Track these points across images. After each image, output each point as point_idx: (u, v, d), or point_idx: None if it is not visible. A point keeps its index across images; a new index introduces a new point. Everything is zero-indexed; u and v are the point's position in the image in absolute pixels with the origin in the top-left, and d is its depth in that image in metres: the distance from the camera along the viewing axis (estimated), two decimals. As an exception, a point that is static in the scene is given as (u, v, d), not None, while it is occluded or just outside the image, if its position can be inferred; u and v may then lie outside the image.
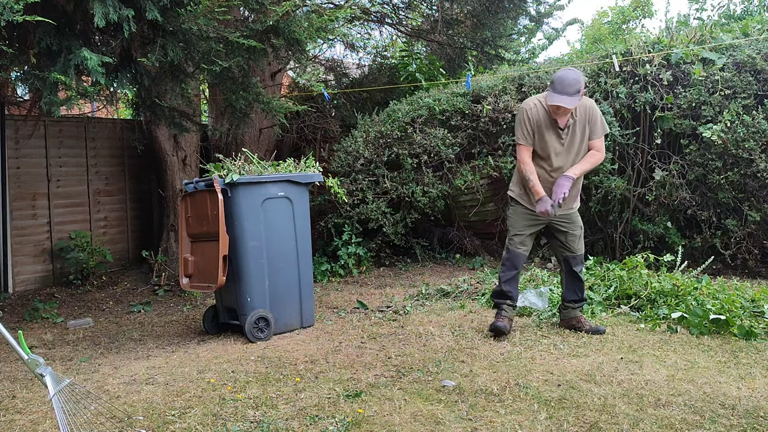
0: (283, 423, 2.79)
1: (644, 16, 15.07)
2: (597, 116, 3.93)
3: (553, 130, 3.89)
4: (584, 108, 3.90)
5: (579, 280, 4.12)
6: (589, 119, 3.91)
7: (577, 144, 3.91)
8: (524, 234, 4.05)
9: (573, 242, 4.07)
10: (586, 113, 3.91)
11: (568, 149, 3.91)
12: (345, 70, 9.18)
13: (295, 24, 4.74)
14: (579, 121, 3.89)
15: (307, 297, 4.58)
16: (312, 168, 4.78)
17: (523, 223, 4.05)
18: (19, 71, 4.52)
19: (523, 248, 4.06)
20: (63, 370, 3.83)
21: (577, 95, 3.72)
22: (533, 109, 3.93)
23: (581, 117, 3.90)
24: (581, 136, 3.90)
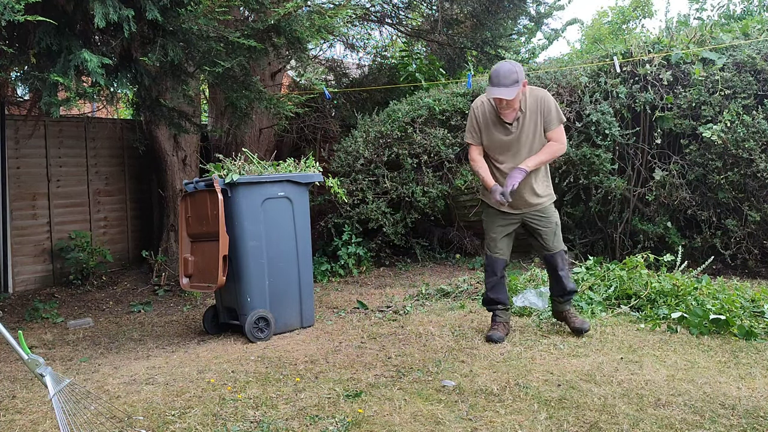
0: (283, 423, 2.79)
1: (644, 16, 15.08)
2: (551, 106, 3.77)
3: (500, 126, 3.79)
4: (535, 99, 3.76)
5: (561, 278, 3.98)
6: (542, 110, 3.75)
7: (529, 137, 3.77)
8: (498, 236, 3.96)
9: (549, 239, 3.93)
10: (538, 104, 3.76)
11: (519, 143, 3.78)
12: (345, 70, 9.18)
13: (296, 23, 4.74)
14: (530, 113, 3.75)
15: (307, 297, 4.58)
16: (312, 168, 4.78)
17: (495, 225, 3.97)
18: (19, 71, 4.52)
19: (499, 252, 3.96)
20: (63, 370, 3.83)
21: (515, 85, 3.59)
22: (480, 107, 3.86)
23: (532, 109, 3.76)
24: (534, 128, 3.76)
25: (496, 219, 3.96)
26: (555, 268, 3.96)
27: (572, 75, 6.28)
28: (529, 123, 3.75)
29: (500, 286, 4.02)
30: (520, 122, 3.75)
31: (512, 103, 3.67)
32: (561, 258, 3.97)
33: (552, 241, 3.94)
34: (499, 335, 3.92)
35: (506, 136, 3.77)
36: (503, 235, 3.96)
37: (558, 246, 3.95)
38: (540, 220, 3.92)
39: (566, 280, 4.00)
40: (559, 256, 3.96)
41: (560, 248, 3.96)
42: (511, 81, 3.58)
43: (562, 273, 3.97)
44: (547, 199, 3.94)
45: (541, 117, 3.75)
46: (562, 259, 3.97)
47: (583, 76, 6.18)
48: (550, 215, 3.94)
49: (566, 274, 4.01)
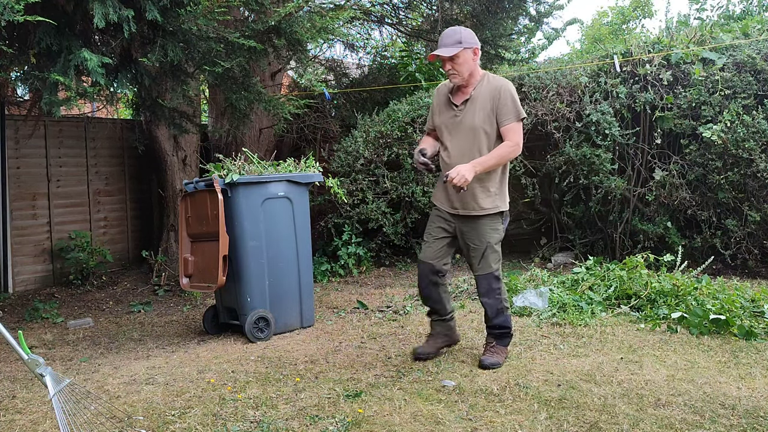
0: (283, 423, 2.79)
1: (644, 16, 15.08)
2: (507, 97, 3.33)
3: (449, 106, 3.46)
4: (493, 87, 3.37)
5: (483, 305, 3.52)
6: (496, 99, 3.33)
7: (475, 125, 3.34)
8: (430, 238, 3.55)
9: (474, 258, 3.44)
10: (492, 92, 3.35)
11: (462, 128, 3.38)
12: (345, 70, 9.18)
13: (297, 24, 4.74)
14: (481, 99, 3.36)
15: (307, 297, 4.58)
16: (312, 168, 4.78)
17: (433, 227, 3.57)
18: (19, 71, 4.52)
19: (427, 256, 3.52)
20: (63, 370, 3.83)
21: (456, 46, 3.29)
22: (439, 89, 3.58)
23: (485, 96, 3.36)
24: (483, 117, 3.34)
25: (434, 220, 3.58)
26: (478, 292, 3.54)
27: (572, 75, 6.29)
28: (478, 110, 3.35)
29: (433, 292, 3.57)
30: (468, 106, 3.38)
31: (457, 68, 3.32)
32: (487, 282, 3.45)
33: (477, 261, 3.44)
34: (423, 350, 3.58)
35: (451, 118, 3.43)
36: (435, 237, 3.54)
37: (484, 268, 3.43)
38: (470, 233, 3.44)
39: (489, 309, 3.49)
40: (484, 279, 3.46)
41: (486, 271, 3.43)
42: (453, 41, 3.31)
43: (483, 300, 3.49)
44: (490, 212, 3.41)
45: (494, 108, 3.33)
46: (488, 285, 3.45)
47: (583, 76, 6.19)
48: (484, 233, 3.41)
49: (491, 302, 3.47)
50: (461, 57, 3.31)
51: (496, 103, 3.32)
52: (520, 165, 6.44)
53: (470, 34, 3.37)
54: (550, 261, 6.52)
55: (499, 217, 3.45)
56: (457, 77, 3.36)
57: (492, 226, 3.43)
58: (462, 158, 3.33)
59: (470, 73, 3.37)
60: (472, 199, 3.38)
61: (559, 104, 6.19)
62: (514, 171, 6.42)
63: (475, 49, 3.36)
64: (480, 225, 3.42)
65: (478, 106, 3.36)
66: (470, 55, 3.34)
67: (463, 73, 3.35)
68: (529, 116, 6.24)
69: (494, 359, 3.44)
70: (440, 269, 3.54)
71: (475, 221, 3.42)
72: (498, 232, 3.45)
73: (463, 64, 3.33)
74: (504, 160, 3.35)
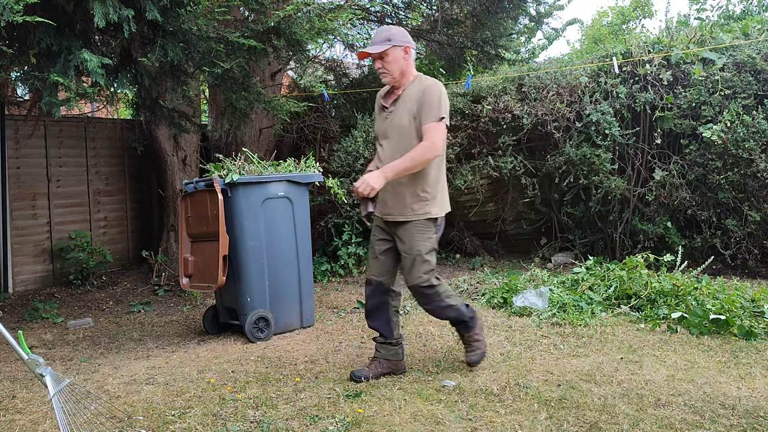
0: (283, 423, 2.79)
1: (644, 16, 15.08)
2: (433, 96, 3.14)
3: (381, 110, 3.33)
4: (421, 88, 3.19)
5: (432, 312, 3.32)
6: (421, 99, 3.15)
7: (403, 125, 3.17)
8: (374, 253, 3.33)
9: (405, 267, 3.22)
10: (418, 91, 3.18)
11: (392, 130, 3.21)
12: (345, 70, 9.18)
13: (296, 25, 4.74)
14: (408, 100, 3.19)
15: (307, 297, 4.58)
16: (312, 168, 4.78)
17: (374, 240, 3.35)
18: (19, 71, 4.52)
19: (374, 273, 3.31)
20: (63, 370, 3.83)
21: (385, 43, 3.16)
22: (378, 95, 3.43)
23: (412, 97, 3.18)
24: (409, 117, 3.17)
25: (375, 232, 3.36)
26: (419, 303, 3.35)
27: (572, 75, 6.28)
28: (404, 111, 3.19)
29: (379, 312, 3.35)
30: (396, 106, 3.23)
31: (387, 67, 3.19)
32: (419, 293, 3.24)
33: (408, 270, 3.20)
34: (360, 373, 3.30)
35: (383, 120, 3.29)
36: (379, 251, 3.31)
37: (411, 279, 3.19)
38: (401, 241, 3.22)
39: (435, 314, 3.35)
40: (415, 291, 3.24)
41: (414, 282, 3.19)
42: (382, 38, 3.20)
43: (425, 309, 3.34)
44: (419, 217, 3.18)
45: (419, 108, 3.15)
46: (421, 295, 3.24)
47: (583, 76, 6.18)
48: (413, 240, 3.17)
49: (432, 308, 3.30)
50: (390, 55, 3.18)
51: (424, 101, 3.15)
52: (520, 165, 6.45)
53: (402, 32, 3.25)
54: (550, 261, 6.52)
55: (431, 223, 3.21)
56: (387, 76, 3.23)
57: (421, 233, 3.18)
58: (390, 161, 3.15)
59: (401, 72, 3.23)
60: (402, 203, 3.19)
61: (559, 104, 6.19)
62: (514, 171, 6.42)
63: (406, 48, 3.22)
64: (409, 232, 3.18)
65: (403, 109, 3.20)
66: (400, 54, 3.20)
67: (394, 72, 3.22)
68: (529, 116, 6.24)
69: (476, 354, 3.37)
70: (390, 287, 3.31)
71: (404, 227, 3.20)
72: (429, 241, 3.19)
73: (393, 63, 3.20)
74: (418, 162, 3.10)
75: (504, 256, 7.05)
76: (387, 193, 3.19)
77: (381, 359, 3.36)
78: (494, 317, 4.57)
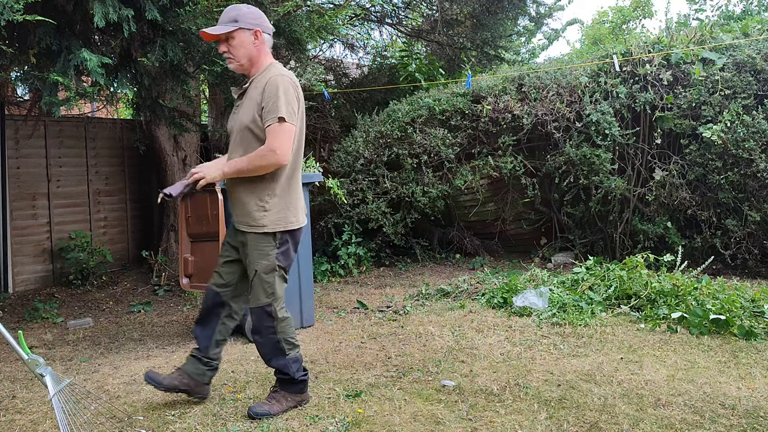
0: (283, 423, 2.79)
1: (644, 16, 15.08)
2: (274, 93, 2.72)
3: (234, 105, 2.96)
4: (265, 80, 2.78)
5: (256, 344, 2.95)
6: (263, 94, 2.75)
7: (243, 122, 2.81)
8: (222, 258, 3.01)
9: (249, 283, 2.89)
10: (261, 84, 2.78)
11: (235, 127, 2.86)
12: (345, 70, 9.18)
13: (295, 23, 4.74)
14: (252, 92, 2.82)
15: (307, 297, 4.58)
16: (312, 168, 4.78)
17: (225, 243, 3.04)
18: (19, 71, 4.52)
19: (215, 281, 2.99)
20: (63, 370, 3.82)
21: (230, 24, 2.78)
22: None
23: (255, 88, 2.81)
24: (250, 113, 2.78)
25: (228, 238, 3.04)
26: (252, 327, 2.94)
27: (572, 75, 6.28)
28: (246, 106, 2.82)
29: (206, 322, 2.99)
30: (242, 101, 2.88)
31: (232, 51, 2.82)
32: (256, 317, 2.88)
33: (249, 290, 2.89)
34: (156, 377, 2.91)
35: (231, 119, 2.93)
36: (224, 260, 2.99)
37: (252, 300, 2.87)
38: (244, 252, 2.88)
39: (261, 348, 2.92)
40: (253, 313, 2.89)
41: (255, 304, 2.86)
42: (228, 18, 2.80)
43: (254, 338, 2.94)
44: (256, 230, 2.80)
45: (259, 103, 2.76)
46: (257, 320, 2.87)
47: (583, 76, 6.18)
48: (252, 256, 2.82)
49: (262, 341, 2.89)
50: (237, 38, 2.78)
51: (265, 97, 2.74)
52: (520, 165, 6.45)
53: (254, 13, 2.84)
54: (550, 261, 6.52)
55: (271, 239, 2.81)
56: (232, 62, 2.84)
57: (260, 248, 2.81)
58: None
59: (249, 59, 2.83)
60: (243, 211, 2.83)
61: (559, 104, 6.19)
62: (514, 171, 6.42)
63: (257, 32, 2.81)
64: (249, 245, 2.83)
65: (245, 104, 2.83)
66: (249, 38, 2.80)
67: (240, 58, 2.82)
68: (529, 116, 6.24)
69: (264, 408, 2.86)
70: (228, 301, 2.98)
71: (246, 239, 2.84)
72: (267, 259, 2.80)
73: (239, 47, 2.80)
74: (254, 166, 2.72)
75: (504, 256, 7.05)
76: (233, 196, 2.86)
77: (184, 374, 2.95)
78: (494, 317, 4.57)
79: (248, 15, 2.81)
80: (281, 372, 2.93)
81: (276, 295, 2.86)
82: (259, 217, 2.79)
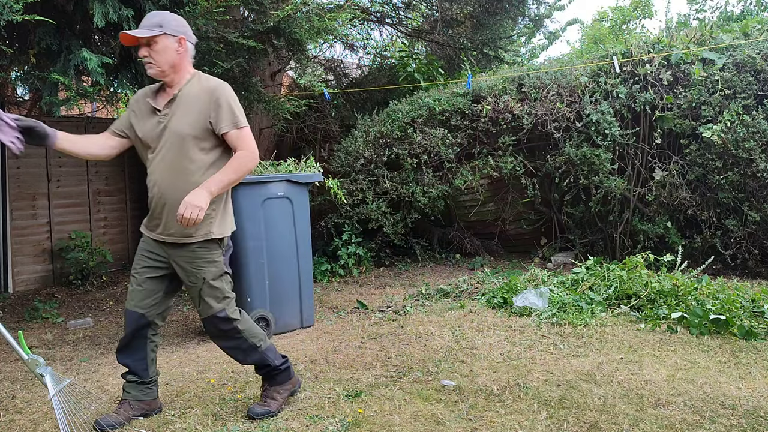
0: (283, 423, 2.79)
1: (644, 16, 15.09)
2: (222, 102, 2.72)
3: (151, 113, 2.79)
4: (205, 89, 2.76)
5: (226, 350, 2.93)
6: (211, 102, 2.73)
7: (183, 131, 2.70)
8: (137, 279, 2.84)
9: (194, 298, 2.84)
10: (204, 92, 2.75)
11: (168, 137, 2.72)
12: (345, 70, 9.18)
13: (296, 25, 4.75)
14: (188, 99, 2.75)
15: (307, 297, 4.58)
16: (312, 168, 4.78)
17: (138, 263, 2.87)
18: (19, 71, 4.52)
19: (136, 304, 2.83)
20: (63, 370, 3.82)
21: (155, 29, 2.69)
22: (138, 93, 2.91)
23: (193, 95, 2.75)
24: (191, 121, 2.72)
25: (140, 253, 2.88)
26: (211, 336, 2.94)
27: (572, 75, 6.28)
28: (184, 116, 2.73)
29: (135, 348, 2.87)
30: (172, 109, 2.75)
31: (154, 57, 2.71)
32: (213, 326, 2.84)
33: (197, 302, 2.83)
34: (108, 421, 2.78)
35: (155, 126, 2.77)
36: (145, 278, 2.84)
37: (204, 311, 2.82)
38: (182, 267, 2.80)
39: (232, 353, 2.92)
40: (209, 323, 2.84)
41: (208, 314, 2.81)
42: (153, 23, 2.72)
43: (220, 344, 2.92)
44: (200, 237, 2.76)
45: (207, 111, 2.72)
46: (215, 328, 2.84)
47: (583, 76, 6.19)
48: (197, 266, 2.78)
49: (230, 345, 2.89)
50: (160, 43, 2.71)
51: (212, 106, 2.72)
52: (520, 165, 6.45)
53: (179, 21, 2.80)
54: (550, 261, 6.52)
55: (217, 245, 2.81)
56: (153, 67, 2.74)
57: (206, 257, 2.78)
58: (171, 173, 2.72)
59: (172, 66, 2.75)
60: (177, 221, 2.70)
61: (559, 104, 6.19)
62: (514, 171, 6.42)
63: (181, 39, 2.75)
64: (192, 256, 2.78)
65: (183, 113, 2.74)
66: (173, 45, 2.73)
67: (162, 64, 2.73)
68: (529, 116, 6.24)
69: (263, 408, 2.88)
70: (153, 320, 2.88)
71: (185, 251, 2.77)
72: (215, 265, 2.80)
73: (162, 53, 2.72)
74: (242, 172, 2.73)
75: (504, 256, 7.05)
76: (166, 209, 2.74)
77: (131, 401, 2.88)
78: (494, 317, 4.57)
79: (173, 22, 2.77)
80: (262, 367, 2.95)
81: (228, 298, 2.85)
82: (207, 224, 2.77)
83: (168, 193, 2.73)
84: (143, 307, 2.83)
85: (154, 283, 2.85)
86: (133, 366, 2.88)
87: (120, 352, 2.89)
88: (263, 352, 2.92)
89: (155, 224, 2.81)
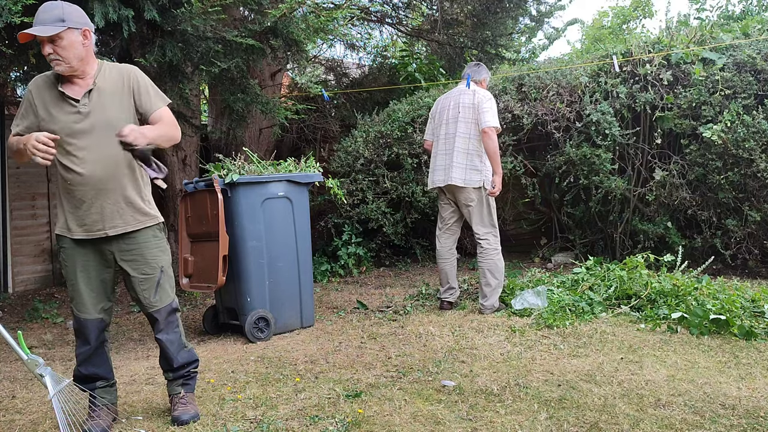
0: (282, 423, 2.79)
1: (644, 16, 15.08)
2: (143, 81, 2.79)
3: (65, 105, 2.67)
4: (120, 73, 2.77)
5: (161, 343, 2.86)
6: (131, 87, 2.75)
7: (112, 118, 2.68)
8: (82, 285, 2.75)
9: (147, 289, 2.77)
10: (122, 78, 2.75)
11: (96, 127, 2.66)
12: (345, 70, 9.18)
13: (293, 25, 4.74)
14: (107, 89, 2.72)
15: (307, 297, 4.58)
16: (312, 168, 4.78)
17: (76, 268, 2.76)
18: (19, 71, 4.52)
19: (90, 310, 2.75)
20: (63, 370, 3.82)
21: (57, 24, 2.58)
22: (38, 84, 2.74)
23: (112, 82, 2.74)
24: (119, 108, 2.72)
25: (75, 258, 2.77)
26: (155, 330, 2.86)
27: (572, 75, 6.28)
28: (111, 105, 2.71)
29: (100, 356, 2.84)
30: (93, 99, 2.69)
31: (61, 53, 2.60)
32: (164, 317, 2.82)
33: (153, 293, 2.77)
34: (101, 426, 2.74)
35: (73, 121, 2.66)
36: (95, 282, 2.77)
37: (162, 300, 2.80)
38: (133, 259, 2.75)
39: (171, 347, 2.86)
40: (163, 313, 2.82)
41: (165, 303, 2.81)
42: (53, 18, 2.59)
43: (163, 337, 2.84)
44: (156, 220, 2.79)
45: (128, 97, 2.75)
46: (166, 319, 2.83)
47: (583, 76, 6.18)
48: (152, 254, 2.76)
49: (173, 338, 2.85)
50: (66, 39, 2.60)
51: (135, 89, 2.75)
52: (520, 165, 6.44)
53: (78, 12, 2.68)
54: (550, 261, 6.52)
55: (161, 231, 2.83)
56: (61, 64, 2.63)
57: (158, 244, 2.78)
58: (105, 164, 2.66)
59: (81, 59, 2.66)
60: (134, 209, 2.72)
61: (559, 104, 6.19)
62: (515, 171, 6.41)
63: (85, 31, 2.67)
64: (144, 244, 2.74)
65: (110, 98, 2.71)
66: (78, 38, 2.64)
67: (70, 60, 2.63)
68: (529, 116, 6.24)
69: (191, 411, 2.85)
70: (108, 321, 2.85)
71: (134, 240, 2.73)
72: (167, 252, 2.82)
73: (69, 49, 2.62)
74: (168, 136, 2.76)
75: (504, 256, 7.03)
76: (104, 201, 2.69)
77: (107, 407, 2.84)
78: (494, 317, 4.56)
79: (74, 14, 2.65)
80: (189, 364, 2.93)
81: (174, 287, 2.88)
82: (148, 209, 2.77)
83: (104, 184, 2.67)
84: (100, 311, 2.79)
85: (107, 284, 2.80)
86: (102, 371, 2.84)
87: (84, 364, 2.80)
88: (189, 352, 2.96)
89: (93, 221, 2.71)
